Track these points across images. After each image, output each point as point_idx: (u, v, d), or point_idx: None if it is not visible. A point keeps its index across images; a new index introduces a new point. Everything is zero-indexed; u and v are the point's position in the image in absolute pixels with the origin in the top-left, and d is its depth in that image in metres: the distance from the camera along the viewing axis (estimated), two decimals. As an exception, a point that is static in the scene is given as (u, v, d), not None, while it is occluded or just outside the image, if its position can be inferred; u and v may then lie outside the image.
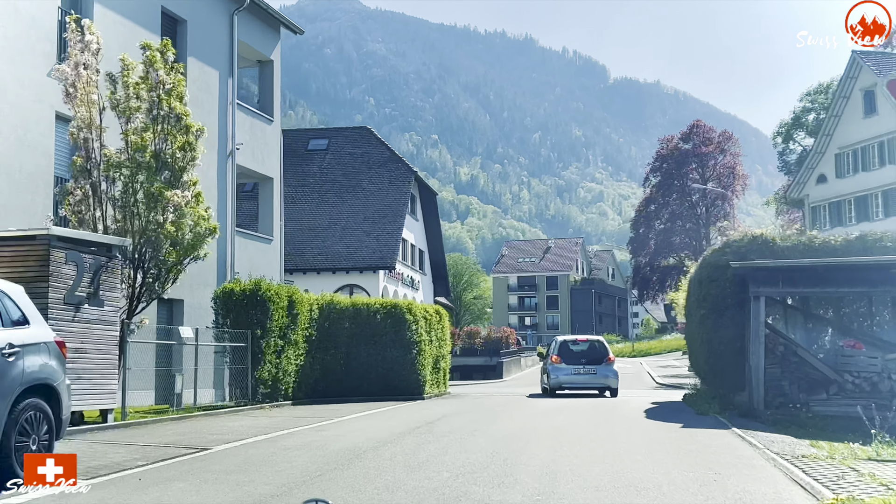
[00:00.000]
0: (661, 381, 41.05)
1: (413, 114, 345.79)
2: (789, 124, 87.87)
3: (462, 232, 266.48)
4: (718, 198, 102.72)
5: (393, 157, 50.58)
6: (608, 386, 25.55)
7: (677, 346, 80.00)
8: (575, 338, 27.13)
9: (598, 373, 25.36)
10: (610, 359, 25.87)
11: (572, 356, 25.70)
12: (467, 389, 33.69)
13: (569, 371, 25.23)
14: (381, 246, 46.15)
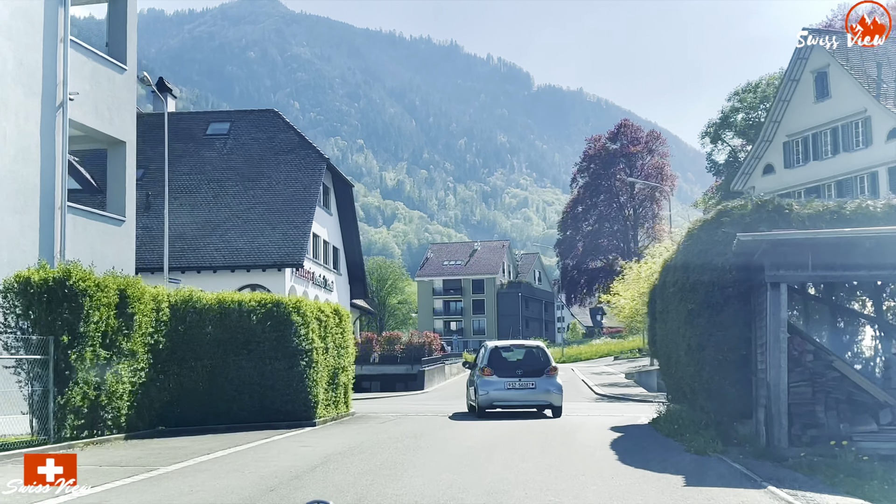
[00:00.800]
0: (600, 390, 36.08)
1: (338, 118, 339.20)
2: (717, 124, 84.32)
3: (388, 237, 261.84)
4: (647, 199, 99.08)
5: (302, 143, 44.73)
6: (550, 403, 20.25)
7: (607, 350, 75.68)
8: (509, 343, 21.61)
9: (538, 387, 20.06)
10: (552, 370, 20.47)
11: (506, 367, 20.38)
12: (380, 406, 28.08)
13: (501, 385, 19.90)
14: (288, 241, 40.29)
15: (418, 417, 20.40)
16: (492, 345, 21.48)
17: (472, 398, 21.28)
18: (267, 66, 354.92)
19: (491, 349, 21.05)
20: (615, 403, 29.49)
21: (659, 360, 17.41)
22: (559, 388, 20.28)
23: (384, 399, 34.87)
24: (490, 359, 20.53)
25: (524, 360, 20.79)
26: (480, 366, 20.56)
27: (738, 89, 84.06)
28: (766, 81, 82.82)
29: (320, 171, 43.21)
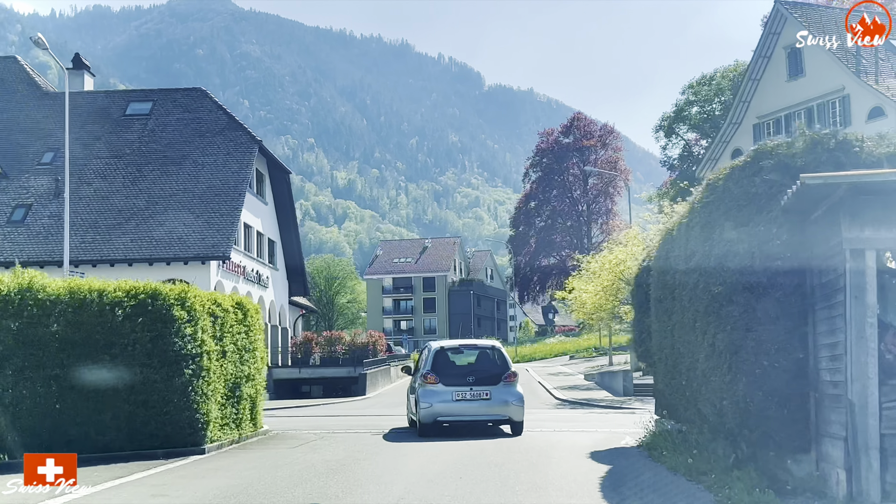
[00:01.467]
0: (560, 394, 32.17)
1: (289, 117, 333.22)
2: (671, 118, 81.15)
3: (339, 237, 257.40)
4: (601, 194, 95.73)
5: (232, 124, 40.24)
6: (509, 418, 16.05)
7: (562, 349, 72.01)
8: (458, 344, 17.38)
9: (494, 397, 15.90)
10: (511, 376, 16.33)
11: (454, 373, 16.26)
12: (309, 418, 23.82)
13: (448, 396, 15.76)
14: (214, 231, 35.80)
15: (346, 436, 16.21)
16: (436, 346, 17.05)
17: (412, 411, 17.07)
18: (216, 64, 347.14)
19: (435, 351, 16.66)
20: (580, 411, 25.57)
21: (654, 365, 13.41)
22: (520, 399, 16.12)
23: (318, 407, 30.60)
24: (434, 363, 16.28)
25: (477, 364, 16.71)
26: (423, 371, 16.34)
27: (692, 82, 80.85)
28: (721, 74, 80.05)
29: (251, 154, 38.77)
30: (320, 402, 33.07)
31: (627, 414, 23.79)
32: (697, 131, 79.76)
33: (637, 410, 25.03)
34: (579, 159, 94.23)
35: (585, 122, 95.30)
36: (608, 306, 33.13)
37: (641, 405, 26.91)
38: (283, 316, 46.53)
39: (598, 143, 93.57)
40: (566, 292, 47.39)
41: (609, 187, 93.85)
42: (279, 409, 29.61)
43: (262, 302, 42.42)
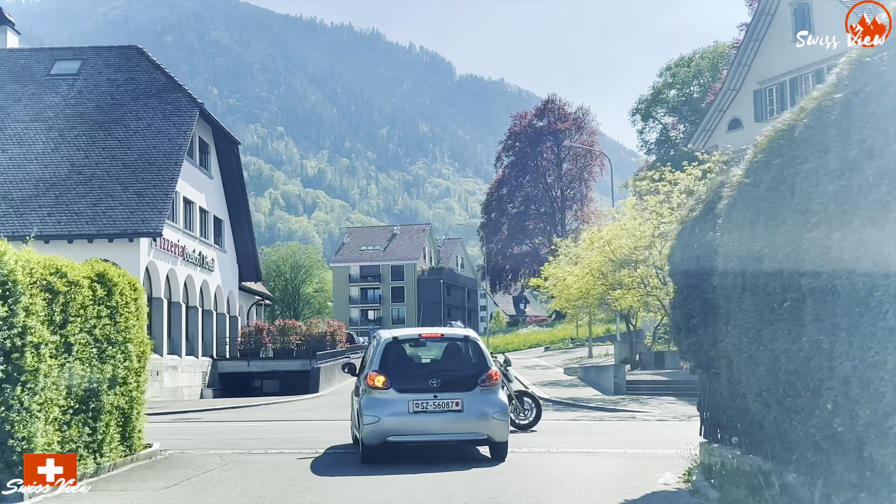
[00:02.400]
0: (543, 393, 27.58)
1: (258, 105, 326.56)
2: (649, 100, 77.18)
3: (309, 226, 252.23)
4: (575, 180, 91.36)
5: (170, 86, 35.25)
6: (488, 437, 11.06)
7: (536, 340, 67.59)
8: (416, 334, 11.95)
9: (468, 408, 10.90)
10: (490, 377, 11.20)
11: (413, 374, 11.35)
12: (227, 431, 19.08)
13: (404, 407, 10.84)
14: (144, 204, 30.87)
15: (261, 461, 11.48)
16: (387, 336, 11.71)
17: (356, 427, 11.96)
18: (184, 51, 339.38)
19: (386, 344, 11.43)
20: (570, 414, 21.01)
21: (715, 367, 8.78)
22: (503, 410, 11.10)
23: (258, 408, 25.79)
24: (385, 360, 11.18)
25: (444, 361, 11.73)
26: (367, 371, 11.33)
27: (670, 64, 77.02)
28: (700, 55, 76.06)
29: (191, 117, 33.81)
30: (264, 402, 28.28)
31: (628, 420, 19.28)
32: (676, 114, 75.81)
33: (638, 414, 20.53)
34: (553, 143, 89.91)
35: (560, 104, 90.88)
36: (597, 291, 28.62)
37: (640, 407, 22.43)
38: (233, 303, 41.63)
39: (572, 125, 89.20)
40: (541, 279, 43.18)
41: (584, 172, 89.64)
42: (212, 409, 24.87)
43: (206, 287, 37.51)
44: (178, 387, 33.30)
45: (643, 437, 14.14)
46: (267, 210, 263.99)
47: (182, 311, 34.24)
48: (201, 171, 36.96)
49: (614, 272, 27.12)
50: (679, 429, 15.73)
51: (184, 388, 33.86)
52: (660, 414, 20.70)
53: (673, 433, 14.76)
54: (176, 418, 21.97)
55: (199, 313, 36.30)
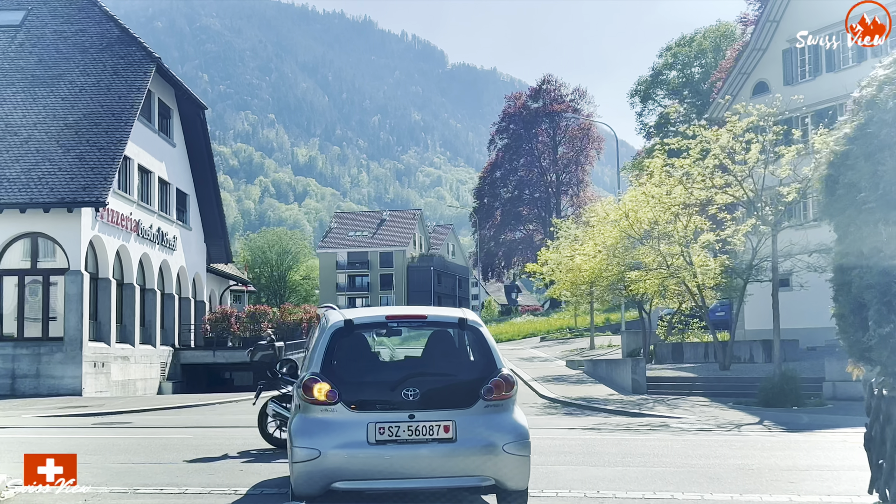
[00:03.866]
0: (547, 390, 23.34)
1: (249, 92, 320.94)
2: (648, 82, 73.02)
3: (299, 214, 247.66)
4: (571, 163, 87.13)
5: (124, 38, 30.86)
6: (496, 482, 6.73)
7: (531, 329, 63.29)
8: (383, 315, 7.33)
9: (463, 437, 6.65)
10: (501, 387, 6.84)
11: (376, 379, 7.03)
12: (135, 449, 14.81)
13: (361, 433, 6.56)
14: (87, 169, 26.47)
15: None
16: (336, 319, 7.23)
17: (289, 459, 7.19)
18: (174, 37, 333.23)
19: (334, 332, 7.08)
20: (588, 420, 16.73)
21: None
22: (522, 438, 7.03)
23: (207, 408, 21.44)
24: (330, 357, 6.96)
25: (426, 358, 7.44)
26: (304, 377, 6.96)
27: (670, 44, 72.79)
28: (702, 35, 71.95)
29: (145, 73, 29.38)
30: (223, 399, 23.94)
31: (662, 429, 15.05)
32: (676, 97, 71.71)
33: (670, 421, 16.32)
34: (549, 125, 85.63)
35: (556, 85, 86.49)
36: (611, 272, 24.36)
37: (669, 411, 18.19)
38: (199, 286, 37.25)
39: (569, 107, 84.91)
40: (538, 265, 39.23)
41: (580, 156, 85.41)
42: (155, 409, 20.55)
43: (167, 268, 33.16)
44: (130, 380, 28.97)
45: (718, 471, 9.88)
46: (257, 198, 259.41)
47: (136, 294, 29.87)
48: (161, 138, 32.55)
49: (632, 249, 22.92)
50: (749, 451, 11.52)
51: (137, 382, 29.53)
52: (697, 421, 16.51)
53: (747, 458, 10.57)
54: (103, 422, 17.66)
55: (157, 297, 31.92)
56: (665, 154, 20.33)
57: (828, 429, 15.23)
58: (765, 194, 20.07)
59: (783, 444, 12.65)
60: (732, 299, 28.30)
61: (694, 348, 27.87)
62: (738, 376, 22.98)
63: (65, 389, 25.26)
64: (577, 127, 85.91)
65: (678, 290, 25.51)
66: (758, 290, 25.31)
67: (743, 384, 21.96)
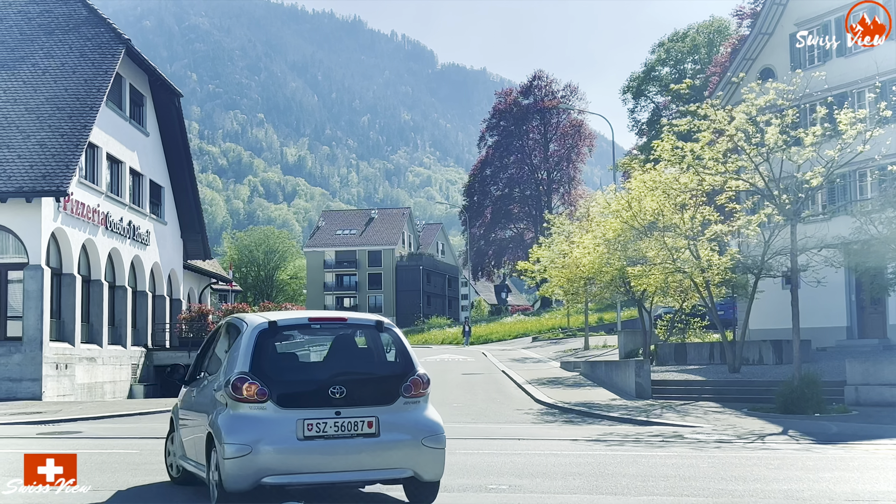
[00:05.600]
0: (542, 394, 21.51)
1: (238, 91, 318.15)
2: (640, 78, 71.29)
3: (289, 214, 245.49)
4: (563, 161, 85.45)
5: (92, 19, 28.90)
6: (413, 473, 7.18)
7: (523, 329, 61.50)
8: (305, 317, 7.87)
9: (386, 431, 7.10)
10: (417, 384, 7.35)
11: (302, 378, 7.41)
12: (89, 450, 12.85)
13: (291, 429, 6.90)
14: (48, 157, 24.50)
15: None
16: (259, 322, 7.46)
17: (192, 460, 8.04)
18: (163, 36, 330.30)
19: (259, 333, 7.32)
20: (592, 429, 14.90)
21: None
22: (437, 433, 7.44)
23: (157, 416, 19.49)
24: (258, 357, 7.17)
25: (348, 359, 7.71)
26: (231, 377, 7.12)
27: (663, 39, 71.14)
28: (695, 30, 70.38)
29: (113, 56, 27.43)
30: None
31: (677, 442, 13.23)
32: (668, 93, 70.08)
33: (684, 430, 14.53)
34: (540, 122, 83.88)
35: (547, 81, 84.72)
36: (615, 265, 22.49)
37: (680, 419, 16.38)
38: (176, 284, 35.26)
39: (560, 104, 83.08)
40: (530, 263, 37.52)
41: (572, 153, 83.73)
42: (101, 417, 18.65)
43: (139, 264, 31.19)
44: (98, 382, 26.99)
45: (766, 502, 8.02)
46: (246, 197, 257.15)
47: (104, 291, 27.87)
48: (133, 126, 30.57)
49: (635, 242, 21.10)
50: (790, 472, 9.69)
51: (105, 385, 27.55)
52: (714, 431, 14.71)
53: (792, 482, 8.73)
54: (50, 431, 15.75)
55: (128, 294, 29.92)
56: (674, 137, 18.47)
57: (863, 440, 13.45)
58: (782, 181, 18.28)
59: (826, 461, 10.84)
60: (737, 296, 26.56)
61: (698, 349, 26.07)
62: (749, 379, 21.21)
63: (23, 393, 23.31)
64: (568, 124, 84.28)
65: (682, 286, 23.74)
66: (763, 286, 23.58)
67: (756, 388, 20.20)
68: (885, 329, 26.07)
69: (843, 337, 26.99)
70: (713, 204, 22.07)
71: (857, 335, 27.02)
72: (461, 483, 9.03)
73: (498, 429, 15.73)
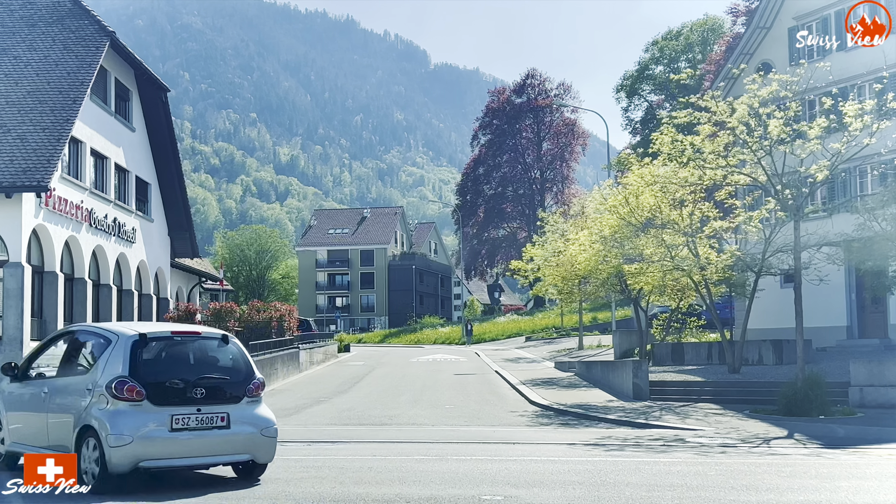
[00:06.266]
0: (537, 395, 20.88)
1: (231, 91, 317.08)
2: (634, 76, 70.72)
3: (281, 213, 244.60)
4: (556, 159, 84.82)
5: (76, 11, 28.17)
6: (252, 458, 9.24)
7: (516, 329, 60.91)
8: (169, 330, 9.63)
9: (235, 424, 9.11)
10: (258, 388, 9.56)
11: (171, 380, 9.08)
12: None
13: (163, 422, 8.74)
14: (28, 151, 23.79)
15: None
16: (131, 333, 9.21)
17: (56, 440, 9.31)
18: (155, 36, 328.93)
19: (133, 342, 9.08)
20: (589, 433, 14.26)
21: None
22: (270, 425, 9.39)
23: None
24: (134, 363, 8.96)
25: (204, 365, 9.47)
26: (111, 381, 8.79)
27: (657, 38, 70.66)
28: (689, 28, 69.91)
29: (97, 49, 26.71)
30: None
31: (679, 446, 12.61)
32: (662, 92, 69.55)
33: (685, 434, 13.91)
34: (533, 120, 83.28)
35: (540, 79, 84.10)
36: (612, 262, 21.86)
37: (681, 421, 15.77)
38: (163, 283, 34.53)
39: (553, 102, 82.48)
40: (523, 262, 37.00)
41: (565, 152, 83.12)
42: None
43: (125, 262, 30.46)
44: (81, 384, 26.21)
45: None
46: (239, 197, 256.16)
47: (87, 290, 27.12)
48: (119, 121, 29.81)
49: (632, 239, 20.47)
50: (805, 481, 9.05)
51: (89, 386, 26.77)
52: (717, 435, 14.10)
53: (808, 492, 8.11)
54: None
55: (113, 293, 29.17)
56: (673, 130, 17.83)
57: (874, 444, 12.85)
58: (784, 176, 17.68)
59: (840, 468, 10.22)
60: (735, 295, 25.97)
61: (695, 349, 25.47)
62: (749, 380, 20.60)
63: (3, 395, 22.52)
64: (561, 123, 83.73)
65: (680, 285, 23.14)
66: (762, 285, 22.99)
67: (757, 389, 19.60)
68: (887, 329, 25.49)
69: (843, 337, 26.42)
70: (712, 200, 21.47)
71: (857, 335, 26.44)
72: (453, 493, 8.39)
73: (492, 432, 15.10)
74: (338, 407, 20.31)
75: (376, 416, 18.17)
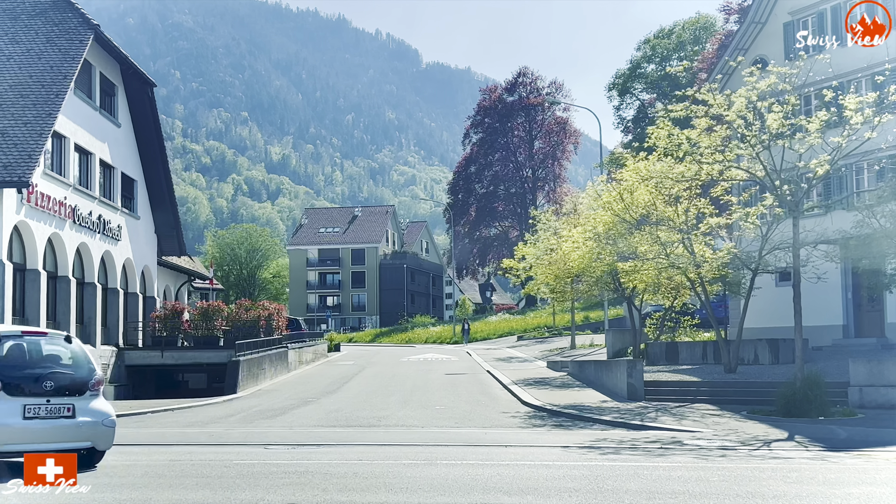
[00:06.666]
0: (529, 396, 20.41)
1: (222, 89, 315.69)
2: (626, 75, 70.31)
3: (273, 212, 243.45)
4: (548, 158, 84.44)
5: (60, 4, 27.58)
6: (92, 446, 10.24)
7: (508, 328, 60.51)
8: (19, 330, 10.76)
9: (80, 415, 10.07)
10: (101, 381, 10.57)
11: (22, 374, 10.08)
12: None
13: (17, 411, 9.70)
14: (9, 146, 23.26)
15: None
16: None
17: None
18: (146, 34, 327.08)
19: None
20: (584, 435, 13.79)
21: None
22: (109, 416, 10.42)
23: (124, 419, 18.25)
24: None
25: (52, 362, 10.47)
26: None
27: (648, 36, 70.24)
28: (681, 27, 69.51)
29: (81, 42, 26.14)
30: (155, 407, 20.75)
31: (677, 449, 12.14)
32: (654, 91, 69.18)
33: (683, 436, 13.46)
34: (525, 119, 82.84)
35: (532, 77, 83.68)
36: (606, 260, 21.41)
37: (677, 423, 15.31)
38: (149, 281, 33.93)
39: (545, 100, 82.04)
40: (515, 261, 36.59)
41: (557, 151, 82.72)
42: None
43: (110, 260, 29.88)
44: (64, 384, 25.61)
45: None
46: (230, 195, 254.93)
47: (71, 288, 26.55)
48: (104, 116, 29.21)
49: (627, 236, 20.01)
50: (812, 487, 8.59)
51: (73, 386, 26.16)
52: (715, 437, 13.65)
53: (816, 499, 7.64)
54: None
55: (98, 291, 28.59)
56: (669, 123, 17.38)
57: (878, 447, 12.41)
58: (783, 172, 17.25)
59: (848, 473, 9.76)
60: (730, 294, 25.56)
61: (690, 348, 25.04)
62: (746, 380, 20.17)
63: (-17, 396, 21.93)
64: (553, 121, 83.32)
65: (674, 283, 22.70)
66: (759, 283, 22.58)
67: (754, 389, 19.17)
68: (883, 327, 25.10)
69: (840, 336, 26.02)
70: (708, 196, 21.05)
71: (853, 334, 26.05)
72: (442, 502, 7.91)
73: (483, 434, 14.62)
74: (325, 408, 19.80)
75: (365, 417, 17.67)
